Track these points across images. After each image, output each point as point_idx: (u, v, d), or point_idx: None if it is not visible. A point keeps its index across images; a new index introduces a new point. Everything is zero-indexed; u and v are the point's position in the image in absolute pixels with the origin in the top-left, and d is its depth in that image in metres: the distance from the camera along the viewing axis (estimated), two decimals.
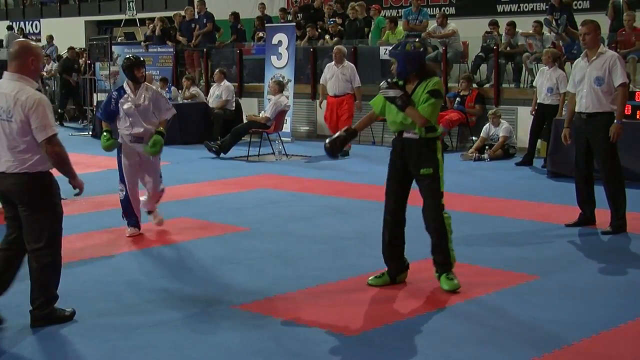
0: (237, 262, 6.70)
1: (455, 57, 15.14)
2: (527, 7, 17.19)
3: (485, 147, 12.58)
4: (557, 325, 5.02)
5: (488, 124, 12.71)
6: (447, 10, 17.71)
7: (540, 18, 14.20)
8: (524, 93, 13.67)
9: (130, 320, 5.23)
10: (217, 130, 14.55)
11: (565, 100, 9.27)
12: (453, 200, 7.18)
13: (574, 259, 6.74)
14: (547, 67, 11.42)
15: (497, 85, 14.01)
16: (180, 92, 16.25)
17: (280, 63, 15.68)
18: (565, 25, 13.45)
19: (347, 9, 16.92)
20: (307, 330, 5.02)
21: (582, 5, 16.42)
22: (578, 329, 4.94)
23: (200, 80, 17.92)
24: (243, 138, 13.36)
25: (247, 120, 14.03)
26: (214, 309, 5.45)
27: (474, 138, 13.27)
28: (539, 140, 11.91)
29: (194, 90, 15.98)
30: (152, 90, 7.67)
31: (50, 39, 24.06)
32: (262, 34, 17.45)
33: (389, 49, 14.70)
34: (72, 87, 19.48)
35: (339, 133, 6.04)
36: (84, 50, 19.90)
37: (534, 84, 12.01)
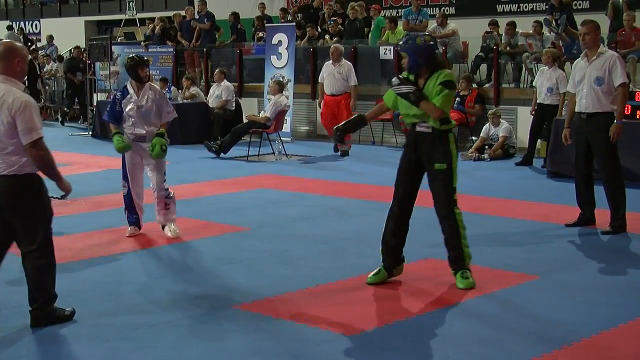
0: (237, 262, 6.70)
1: (455, 57, 15.14)
2: (527, 7, 17.17)
3: (485, 147, 12.57)
4: (557, 325, 5.02)
5: (488, 124, 12.71)
6: (447, 10, 17.69)
7: (540, 18, 14.19)
8: (524, 93, 13.66)
9: (130, 320, 5.23)
10: (217, 130, 14.54)
11: (565, 100, 9.28)
12: None
13: (574, 259, 6.73)
14: (547, 67, 11.41)
15: (497, 85, 14.00)
16: (180, 92, 16.23)
17: (280, 63, 15.67)
18: (565, 25, 13.44)
19: (347, 9, 16.92)
20: (307, 330, 5.01)
21: (581, 5, 16.40)
22: (578, 329, 4.93)
23: (200, 80, 17.91)
24: (243, 138, 13.34)
25: (247, 120, 14.01)
26: (214, 309, 5.45)
27: (474, 138, 13.27)
28: (539, 140, 11.90)
29: (194, 90, 15.96)
30: (155, 91, 7.61)
31: (50, 39, 24.06)
32: (262, 34, 17.43)
33: (389, 48, 14.99)
34: (77, 86, 19.45)
35: (351, 118, 6.18)
36: (84, 50, 19.89)
37: (534, 84, 12.01)
